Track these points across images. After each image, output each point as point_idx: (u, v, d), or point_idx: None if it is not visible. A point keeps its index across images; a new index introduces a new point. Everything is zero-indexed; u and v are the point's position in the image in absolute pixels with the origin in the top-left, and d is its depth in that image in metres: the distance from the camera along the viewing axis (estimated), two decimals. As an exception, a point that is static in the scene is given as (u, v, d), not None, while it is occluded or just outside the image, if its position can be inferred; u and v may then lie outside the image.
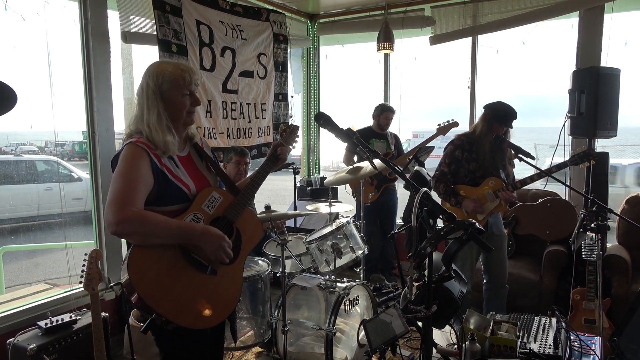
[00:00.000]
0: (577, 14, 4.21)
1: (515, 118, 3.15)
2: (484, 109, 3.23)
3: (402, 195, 4.93)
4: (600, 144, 4.11)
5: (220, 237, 1.70)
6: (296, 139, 2.07)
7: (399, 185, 4.90)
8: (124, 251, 3.69)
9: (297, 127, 2.07)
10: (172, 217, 1.69)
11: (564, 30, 4.42)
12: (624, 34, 4.43)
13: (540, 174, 3.05)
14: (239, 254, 1.83)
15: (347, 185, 4.51)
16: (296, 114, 5.65)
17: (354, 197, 4.83)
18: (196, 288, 1.68)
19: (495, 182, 3.16)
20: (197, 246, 1.69)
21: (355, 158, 4.57)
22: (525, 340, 2.25)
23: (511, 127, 3.19)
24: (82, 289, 2.48)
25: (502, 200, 3.14)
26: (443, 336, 3.35)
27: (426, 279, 1.63)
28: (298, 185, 5.27)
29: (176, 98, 1.75)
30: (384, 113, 4.67)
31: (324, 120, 1.95)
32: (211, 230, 1.70)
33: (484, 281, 3.45)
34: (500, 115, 3.13)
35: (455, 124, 4.35)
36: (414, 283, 1.76)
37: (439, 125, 4.35)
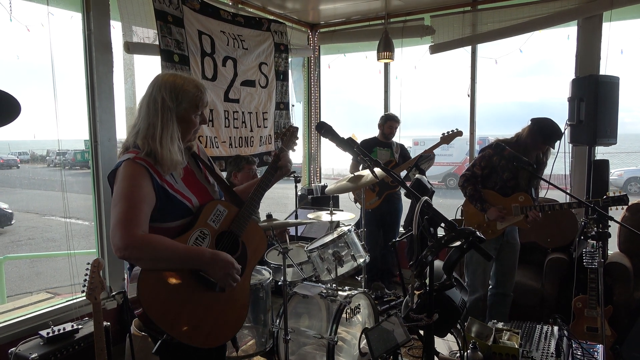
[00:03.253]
0: (575, 22, 4.24)
1: (560, 138, 3.15)
2: (531, 122, 3.20)
3: (407, 203, 4.94)
4: (600, 151, 4.12)
5: (230, 263, 1.65)
6: (296, 141, 2.03)
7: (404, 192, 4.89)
8: (126, 261, 3.71)
9: (297, 128, 2.05)
10: (178, 232, 1.65)
11: (562, 38, 4.46)
12: (623, 42, 4.47)
13: (571, 204, 3.10)
14: (245, 268, 1.80)
15: (350, 192, 4.53)
16: (297, 123, 5.68)
17: (355, 203, 4.85)
18: (206, 307, 1.65)
19: (525, 198, 3.18)
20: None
21: (360, 167, 4.59)
22: (527, 348, 2.24)
23: (553, 147, 3.19)
24: (84, 298, 2.49)
25: (526, 218, 3.16)
26: (445, 344, 3.35)
27: (427, 288, 1.63)
28: (299, 193, 5.28)
29: (190, 118, 1.71)
30: (387, 122, 4.71)
31: (325, 130, 1.96)
32: (220, 255, 1.64)
33: (490, 286, 3.45)
34: (547, 134, 3.12)
35: (460, 134, 4.37)
36: (415, 291, 1.76)
37: (443, 134, 4.38)
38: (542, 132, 3.12)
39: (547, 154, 3.21)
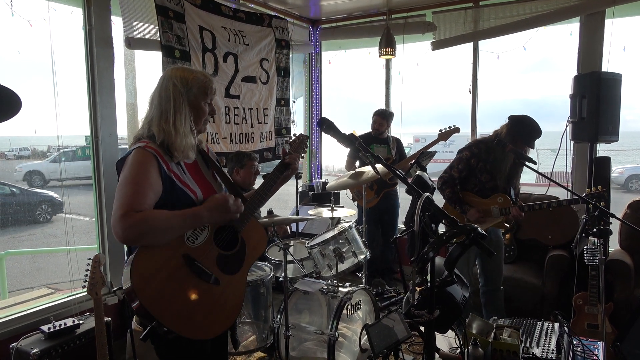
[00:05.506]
0: (578, 19, 4.23)
1: (539, 137, 3.08)
2: (509, 121, 3.13)
3: (404, 200, 4.95)
4: (602, 149, 4.11)
5: (224, 200, 1.69)
6: (305, 148, 2.07)
7: (401, 190, 4.91)
8: (127, 256, 3.71)
9: (307, 137, 2.09)
10: None
11: (565, 35, 4.43)
12: (625, 39, 4.45)
13: (550, 203, 3.04)
14: (242, 264, 1.81)
15: (348, 190, 4.52)
16: (298, 119, 5.67)
17: (354, 201, 4.84)
18: (199, 298, 1.66)
19: (503, 200, 3.16)
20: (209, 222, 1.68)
21: (357, 164, 4.58)
22: (527, 345, 2.24)
23: (532, 147, 3.11)
24: (85, 293, 2.49)
25: (504, 219, 3.14)
26: (445, 341, 3.36)
27: (428, 284, 1.63)
28: (300, 190, 5.28)
29: (200, 105, 1.77)
30: (372, 118, 4.69)
31: (327, 126, 1.96)
32: (212, 202, 1.69)
33: (480, 284, 3.46)
34: (526, 133, 3.05)
35: (457, 130, 4.35)
36: (416, 288, 1.76)
37: (441, 130, 4.36)
38: (522, 133, 3.06)
39: (525, 152, 3.14)
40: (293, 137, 2.07)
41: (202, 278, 1.67)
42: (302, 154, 2.07)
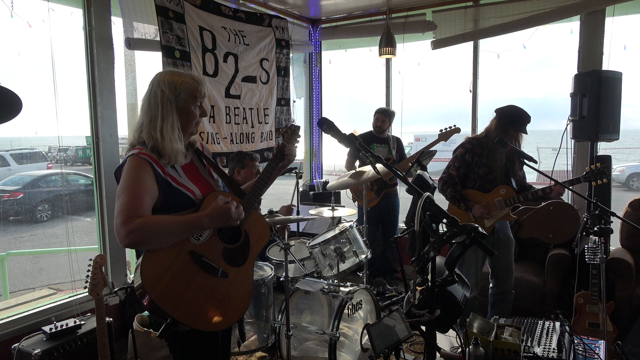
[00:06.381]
0: (578, 17, 4.22)
1: (529, 122, 3.10)
2: (495, 114, 3.16)
3: (404, 199, 4.96)
4: (603, 147, 4.11)
5: (226, 206, 1.71)
6: (298, 139, 2.08)
7: (401, 189, 4.91)
8: (128, 256, 3.71)
9: (298, 127, 2.09)
10: None
11: (565, 33, 4.44)
12: (626, 38, 4.44)
13: (552, 187, 3.02)
14: (248, 256, 1.84)
15: (348, 190, 4.53)
16: (298, 119, 5.67)
17: (354, 201, 4.84)
18: (209, 291, 1.70)
19: (506, 191, 3.14)
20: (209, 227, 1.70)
21: (357, 163, 4.58)
22: (529, 344, 2.24)
23: (525, 133, 3.13)
24: (87, 294, 2.49)
25: (512, 210, 3.13)
26: (446, 340, 3.36)
27: (429, 283, 1.63)
28: (300, 189, 5.28)
29: (190, 109, 1.79)
30: (375, 115, 4.69)
31: (327, 126, 1.96)
32: (214, 210, 1.70)
33: (490, 285, 3.43)
34: (515, 120, 3.07)
35: (457, 130, 4.35)
36: (417, 287, 1.76)
37: (441, 130, 4.36)
38: (510, 120, 3.08)
39: (519, 141, 3.16)
40: (284, 129, 2.08)
41: (210, 272, 1.71)
42: (296, 144, 2.07)
